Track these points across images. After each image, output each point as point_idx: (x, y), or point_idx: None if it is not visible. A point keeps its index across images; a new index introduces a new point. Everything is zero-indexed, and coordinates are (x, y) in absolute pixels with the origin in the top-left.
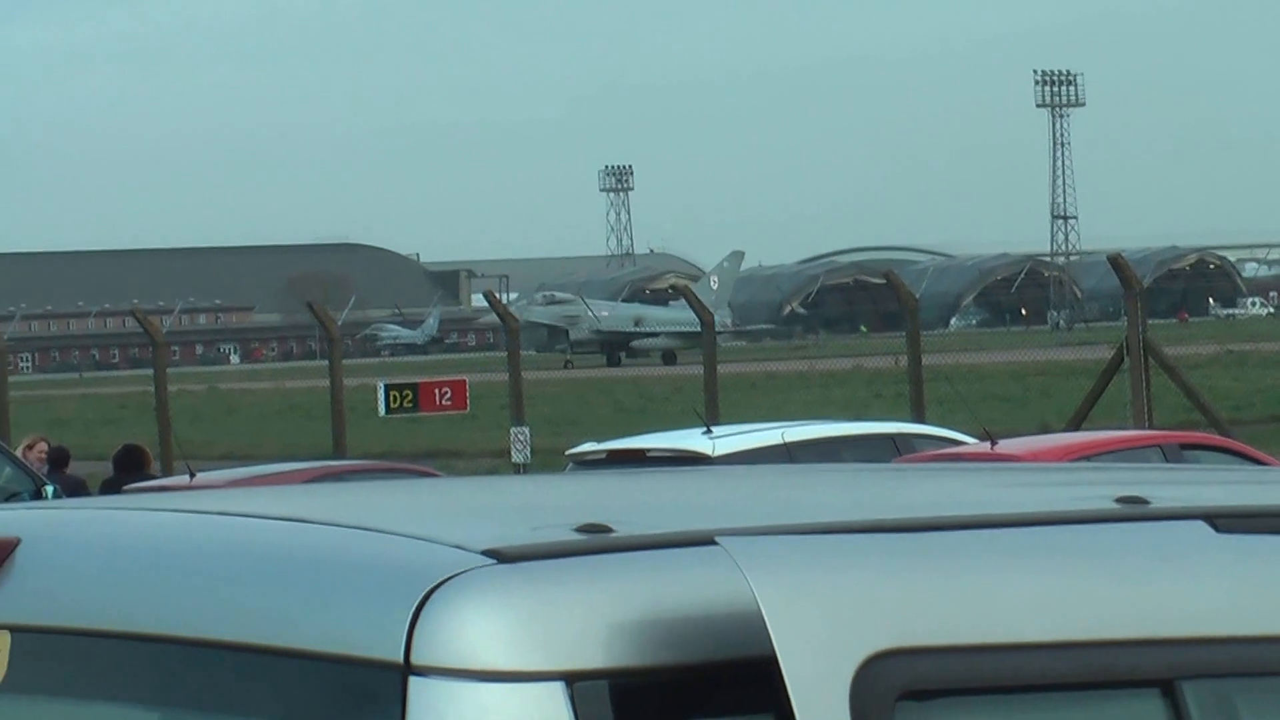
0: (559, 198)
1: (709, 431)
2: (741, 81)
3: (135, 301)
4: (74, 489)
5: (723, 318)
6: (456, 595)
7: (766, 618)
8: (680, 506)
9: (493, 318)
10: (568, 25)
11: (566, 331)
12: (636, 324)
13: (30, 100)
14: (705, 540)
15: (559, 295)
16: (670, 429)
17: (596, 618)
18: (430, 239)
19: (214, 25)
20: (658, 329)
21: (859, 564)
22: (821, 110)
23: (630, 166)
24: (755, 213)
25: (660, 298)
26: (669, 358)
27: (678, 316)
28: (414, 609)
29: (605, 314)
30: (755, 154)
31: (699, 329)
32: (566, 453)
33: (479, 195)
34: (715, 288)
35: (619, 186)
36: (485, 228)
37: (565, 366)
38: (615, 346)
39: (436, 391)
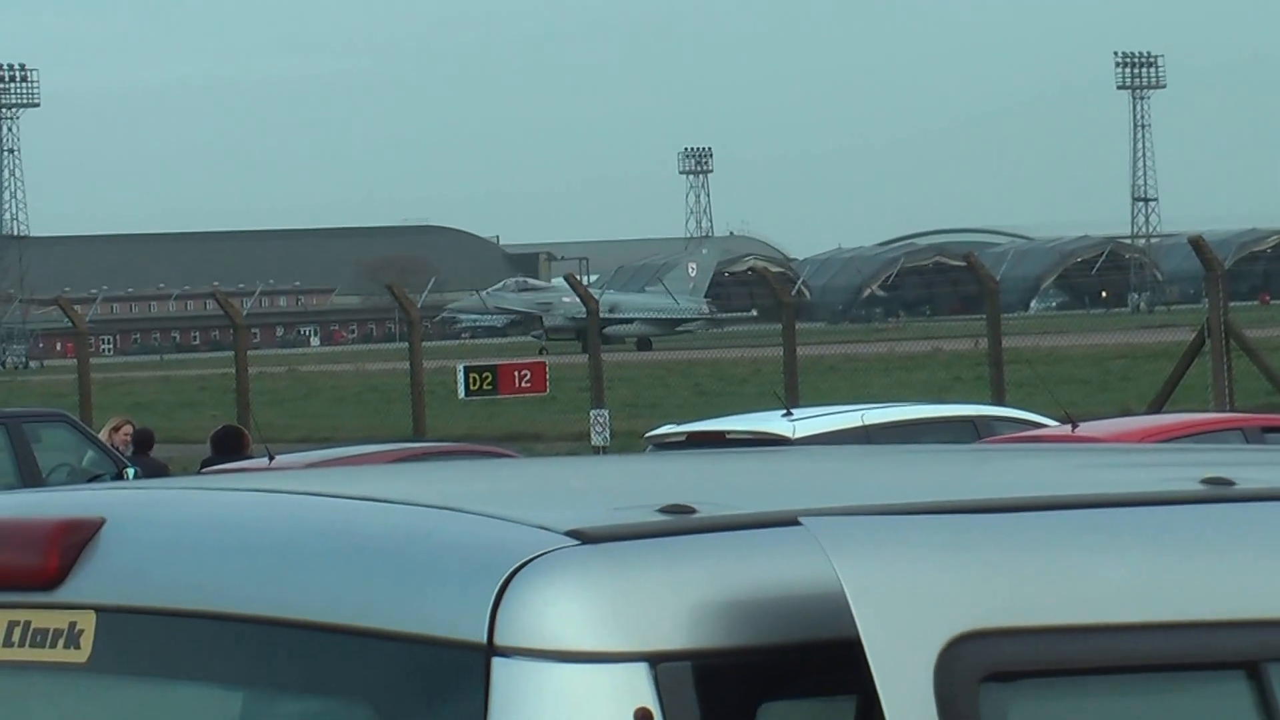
0: (638, 180)
1: (789, 414)
2: (817, 62)
3: (216, 284)
4: (156, 473)
5: (699, 305)
6: (540, 576)
7: (850, 599)
8: (763, 487)
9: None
10: (648, 10)
11: (540, 318)
12: (611, 311)
13: (113, 81)
14: (788, 521)
15: (530, 282)
16: (749, 411)
17: (680, 598)
18: (510, 222)
19: (292, 14)
20: (633, 316)
21: (943, 545)
22: (902, 91)
23: (709, 149)
24: (834, 195)
25: (740, 280)
26: (644, 344)
27: (653, 303)
28: (497, 589)
29: (578, 299)
30: (834, 135)
31: (673, 316)
32: (646, 435)
33: (559, 178)
34: (693, 275)
35: (699, 169)
36: (565, 210)
37: (540, 353)
38: (589, 331)
39: (516, 374)
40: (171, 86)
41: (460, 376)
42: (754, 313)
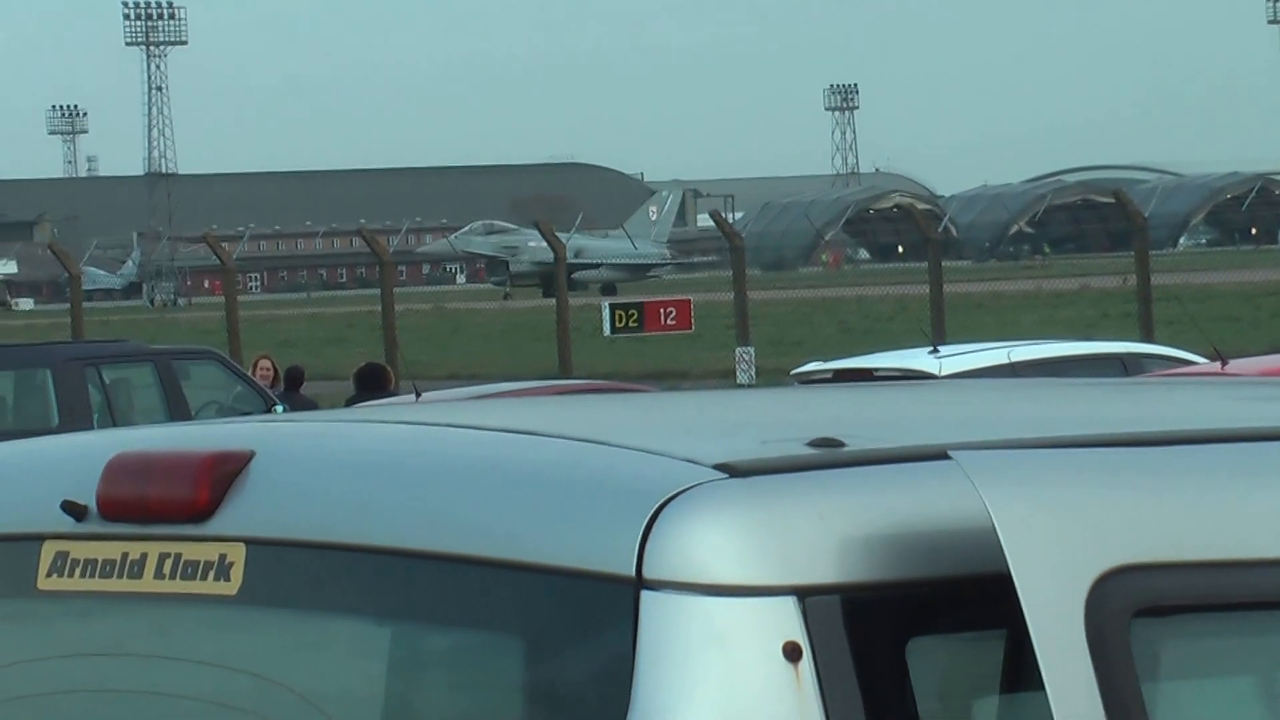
0: (784, 116)
1: (935, 351)
2: None
3: (362, 221)
4: (306, 410)
5: (660, 250)
6: (689, 509)
7: (1000, 533)
8: (912, 421)
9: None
10: None
11: (506, 263)
12: (577, 256)
13: (260, 19)
14: (938, 455)
15: (499, 225)
16: (895, 349)
17: (829, 532)
18: (655, 158)
19: None
20: (599, 261)
21: (1094, 479)
22: (1049, 27)
23: (855, 85)
24: (982, 132)
25: (885, 217)
26: (609, 290)
27: (618, 249)
28: (646, 522)
29: (545, 245)
30: (981, 72)
31: (639, 261)
32: (791, 372)
33: (704, 114)
34: (654, 220)
35: (844, 105)
36: (710, 147)
37: (504, 299)
38: (555, 278)
39: (661, 311)
40: (317, 24)
41: (605, 314)
42: (713, 257)
